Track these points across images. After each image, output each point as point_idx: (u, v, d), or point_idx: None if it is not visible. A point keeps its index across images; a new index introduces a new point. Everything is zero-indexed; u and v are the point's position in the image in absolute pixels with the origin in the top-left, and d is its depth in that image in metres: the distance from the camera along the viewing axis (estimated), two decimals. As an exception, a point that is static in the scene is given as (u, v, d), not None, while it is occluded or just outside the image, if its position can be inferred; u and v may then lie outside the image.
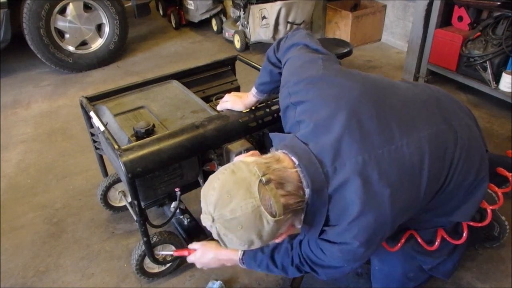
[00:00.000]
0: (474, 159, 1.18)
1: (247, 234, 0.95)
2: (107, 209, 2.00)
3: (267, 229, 0.94)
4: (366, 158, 1.01)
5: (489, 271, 1.67)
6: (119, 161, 1.30)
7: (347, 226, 1.01)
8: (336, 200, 1.01)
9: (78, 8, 3.56)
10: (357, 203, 0.98)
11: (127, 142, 1.47)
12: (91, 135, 1.79)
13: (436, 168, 1.09)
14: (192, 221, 1.86)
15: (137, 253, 1.60)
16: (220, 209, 0.94)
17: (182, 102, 1.73)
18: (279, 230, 0.99)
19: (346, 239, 1.02)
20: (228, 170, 0.98)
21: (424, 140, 1.08)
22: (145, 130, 1.46)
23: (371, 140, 1.03)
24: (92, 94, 1.73)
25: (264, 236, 0.96)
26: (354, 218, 0.99)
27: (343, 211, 1.01)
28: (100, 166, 1.95)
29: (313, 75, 1.16)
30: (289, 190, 0.97)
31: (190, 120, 1.57)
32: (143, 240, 1.52)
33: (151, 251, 1.56)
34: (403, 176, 1.04)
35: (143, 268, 1.65)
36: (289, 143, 1.07)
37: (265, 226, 0.94)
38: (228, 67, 2.05)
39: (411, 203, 1.08)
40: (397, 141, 1.05)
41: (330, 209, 1.02)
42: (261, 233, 0.95)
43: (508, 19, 2.58)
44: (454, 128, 1.16)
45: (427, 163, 1.06)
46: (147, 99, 1.75)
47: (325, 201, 1.01)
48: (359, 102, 1.08)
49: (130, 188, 1.36)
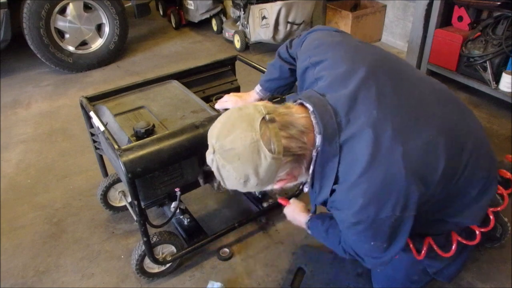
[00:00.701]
0: (487, 155, 1.18)
1: (244, 167, 0.94)
2: (107, 209, 2.00)
3: (264, 165, 0.94)
4: (381, 114, 0.99)
5: (489, 271, 1.67)
6: (119, 161, 1.30)
7: (357, 179, 0.98)
8: (346, 152, 0.99)
9: (78, 8, 3.56)
10: (367, 156, 0.96)
11: (127, 142, 1.47)
12: (91, 135, 1.79)
13: (452, 151, 1.05)
14: (192, 221, 1.86)
15: (137, 253, 1.60)
16: (221, 140, 0.96)
17: (182, 102, 1.73)
18: (277, 172, 0.98)
19: (355, 196, 0.98)
20: (236, 108, 1.00)
21: (440, 121, 1.07)
22: (145, 130, 1.46)
23: (388, 101, 1.02)
24: (92, 94, 1.73)
25: (260, 173, 0.95)
26: (364, 172, 0.96)
27: (352, 165, 0.98)
28: (100, 166, 1.95)
29: (334, 40, 1.19)
30: (292, 134, 0.97)
31: (190, 120, 1.57)
32: (143, 240, 1.52)
33: (151, 251, 1.56)
34: (418, 141, 1.00)
35: (143, 268, 1.65)
36: (305, 94, 1.07)
37: (263, 162, 0.93)
38: (228, 67, 2.05)
39: (427, 172, 1.01)
40: (411, 111, 1.04)
41: (340, 162, 1.00)
42: (257, 169, 0.94)
43: (508, 19, 2.58)
44: (468, 122, 1.16)
45: (443, 142, 1.03)
46: (147, 99, 1.75)
47: (336, 151, 0.99)
48: (379, 66, 1.09)
49: (130, 188, 1.36)
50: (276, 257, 1.78)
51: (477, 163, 1.13)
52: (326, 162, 1.01)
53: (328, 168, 1.02)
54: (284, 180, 1.05)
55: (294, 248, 1.82)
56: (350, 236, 1.14)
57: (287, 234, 1.90)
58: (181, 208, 1.86)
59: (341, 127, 0.99)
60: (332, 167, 1.01)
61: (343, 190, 1.02)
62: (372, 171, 0.97)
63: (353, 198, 0.99)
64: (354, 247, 1.19)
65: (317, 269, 1.67)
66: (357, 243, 1.15)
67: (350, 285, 1.62)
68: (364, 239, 1.09)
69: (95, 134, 1.76)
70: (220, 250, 1.80)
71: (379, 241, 1.08)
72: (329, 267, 1.68)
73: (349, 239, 1.17)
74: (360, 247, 1.16)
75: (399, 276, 1.48)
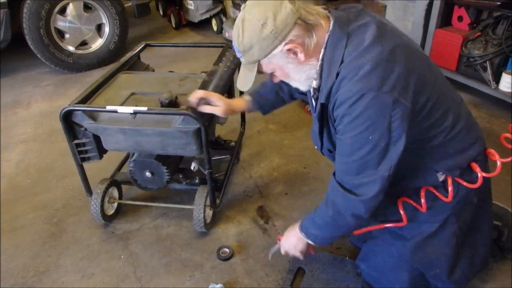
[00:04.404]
0: (468, 117, 1.31)
1: (266, 9, 1.11)
2: (102, 220, 1.94)
3: (283, 13, 1.09)
4: (384, 21, 1.18)
5: (489, 271, 1.67)
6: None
7: (364, 49, 1.10)
8: (354, 38, 1.13)
9: (78, 8, 3.57)
10: (372, 36, 1.11)
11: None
12: (75, 147, 1.75)
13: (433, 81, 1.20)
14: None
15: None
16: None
17: (161, 79, 1.90)
18: (291, 27, 1.11)
19: (363, 62, 1.08)
20: None
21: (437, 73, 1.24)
22: (169, 102, 1.62)
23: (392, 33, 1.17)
24: (69, 104, 1.67)
25: (278, 19, 1.10)
26: (371, 43, 1.10)
27: (359, 44, 1.11)
28: (83, 181, 1.90)
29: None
30: (311, 12, 1.14)
31: (190, 84, 1.82)
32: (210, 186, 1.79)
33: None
34: (412, 48, 1.17)
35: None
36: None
37: (282, 10, 1.09)
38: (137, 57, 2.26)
39: (423, 73, 1.14)
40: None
41: (348, 45, 1.12)
42: (276, 14, 1.10)
43: (508, 19, 2.58)
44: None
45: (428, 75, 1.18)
46: (128, 88, 1.84)
47: (344, 35, 1.13)
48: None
49: (205, 136, 1.58)
50: (276, 257, 1.78)
51: (458, 118, 1.24)
52: (335, 45, 1.14)
53: (336, 51, 1.14)
54: (293, 43, 1.13)
55: (294, 248, 1.82)
56: (339, 167, 1.21)
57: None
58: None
59: (351, 20, 1.16)
60: (340, 49, 1.13)
61: (351, 61, 1.11)
62: (378, 44, 1.10)
63: (362, 63, 1.08)
64: (338, 196, 1.22)
65: (317, 269, 1.67)
66: (344, 176, 1.20)
67: (350, 285, 1.62)
68: (354, 168, 1.16)
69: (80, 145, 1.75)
70: (220, 250, 1.80)
71: (370, 169, 1.14)
72: (329, 267, 1.68)
73: (338, 172, 1.23)
74: (347, 182, 1.20)
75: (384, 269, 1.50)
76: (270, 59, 1.17)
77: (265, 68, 1.22)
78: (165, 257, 1.81)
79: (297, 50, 1.14)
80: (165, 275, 1.72)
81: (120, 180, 2.04)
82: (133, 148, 1.72)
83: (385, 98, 1.06)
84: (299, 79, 1.24)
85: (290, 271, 1.68)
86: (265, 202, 2.09)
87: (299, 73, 1.21)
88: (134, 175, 1.86)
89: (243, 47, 1.16)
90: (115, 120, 1.65)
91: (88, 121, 1.67)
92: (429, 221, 1.35)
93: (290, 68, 1.20)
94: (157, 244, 1.87)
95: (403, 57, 1.10)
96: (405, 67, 1.09)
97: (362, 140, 1.11)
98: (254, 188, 2.20)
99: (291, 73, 1.22)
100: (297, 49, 1.14)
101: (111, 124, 1.65)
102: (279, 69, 1.22)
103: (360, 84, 1.06)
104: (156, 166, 1.80)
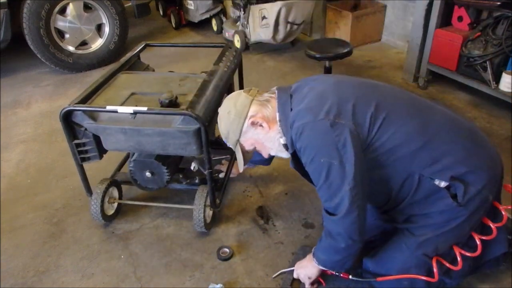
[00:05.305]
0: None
1: (228, 103, 1.47)
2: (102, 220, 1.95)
3: (240, 100, 1.44)
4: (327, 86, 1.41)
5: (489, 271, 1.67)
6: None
7: (302, 98, 1.36)
8: (296, 95, 1.40)
9: (78, 8, 3.56)
10: (308, 88, 1.39)
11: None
12: (75, 147, 1.75)
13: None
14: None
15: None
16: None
17: (161, 79, 1.89)
18: (249, 108, 1.41)
19: (300, 107, 1.33)
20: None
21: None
22: (169, 101, 1.64)
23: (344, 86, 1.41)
24: (69, 104, 1.68)
25: (237, 105, 1.43)
26: (306, 93, 1.37)
27: (300, 97, 1.38)
28: (83, 181, 1.90)
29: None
30: (261, 93, 1.47)
31: (190, 84, 1.83)
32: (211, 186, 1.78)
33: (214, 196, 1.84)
34: (349, 83, 1.43)
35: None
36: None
37: (239, 98, 1.44)
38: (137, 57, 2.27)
39: (363, 99, 1.32)
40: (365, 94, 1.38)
41: (293, 100, 1.39)
42: (236, 102, 1.44)
43: (508, 19, 2.58)
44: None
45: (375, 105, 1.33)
46: (129, 87, 1.84)
47: (288, 96, 1.41)
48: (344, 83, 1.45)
49: (205, 136, 1.60)
50: (276, 257, 1.78)
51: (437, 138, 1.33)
52: (284, 105, 1.39)
53: (286, 108, 1.39)
54: (254, 117, 1.41)
55: (294, 248, 1.82)
56: (320, 196, 1.35)
57: (287, 234, 1.90)
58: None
59: (291, 87, 1.45)
60: (288, 106, 1.39)
61: (296, 109, 1.35)
62: (313, 90, 1.36)
63: (301, 107, 1.33)
64: (326, 220, 1.36)
65: (317, 269, 1.67)
66: (325, 203, 1.34)
67: (350, 285, 1.62)
68: (327, 193, 1.30)
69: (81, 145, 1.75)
70: (220, 250, 1.80)
71: (337, 189, 1.27)
72: (329, 267, 1.68)
73: (322, 201, 1.36)
74: (328, 207, 1.33)
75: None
76: (244, 136, 1.45)
77: (247, 146, 1.49)
78: (165, 257, 1.81)
79: (259, 121, 1.41)
80: (165, 275, 1.73)
81: (120, 180, 2.04)
82: (133, 148, 1.71)
83: (321, 123, 1.26)
84: (275, 148, 1.46)
85: (290, 271, 1.68)
86: (265, 202, 2.10)
87: (272, 141, 1.44)
88: (134, 175, 1.86)
89: (224, 135, 1.49)
90: (115, 120, 1.65)
91: (88, 121, 1.67)
92: (442, 226, 1.40)
93: (263, 139, 1.45)
94: (157, 244, 1.87)
95: (335, 92, 1.33)
96: (338, 97, 1.30)
97: (318, 165, 1.27)
98: (254, 188, 2.20)
99: (265, 143, 1.46)
100: (259, 120, 1.41)
101: (111, 124, 1.65)
102: (256, 143, 1.47)
103: (301, 121, 1.30)
104: (156, 166, 1.80)
